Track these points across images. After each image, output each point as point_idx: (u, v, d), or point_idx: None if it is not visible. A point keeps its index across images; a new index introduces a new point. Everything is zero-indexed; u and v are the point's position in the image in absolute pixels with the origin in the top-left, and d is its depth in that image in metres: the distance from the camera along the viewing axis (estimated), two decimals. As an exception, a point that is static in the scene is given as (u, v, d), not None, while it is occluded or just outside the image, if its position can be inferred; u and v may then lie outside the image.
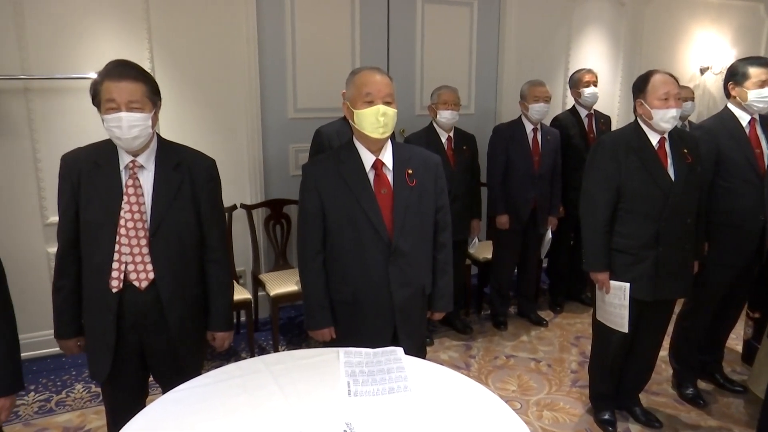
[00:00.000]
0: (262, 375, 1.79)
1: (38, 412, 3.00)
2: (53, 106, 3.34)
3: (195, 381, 1.79)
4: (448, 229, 2.29)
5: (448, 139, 3.68)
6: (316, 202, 2.11)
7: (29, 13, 3.20)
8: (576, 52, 4.97)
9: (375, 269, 2.09)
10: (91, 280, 1.96)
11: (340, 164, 2.11)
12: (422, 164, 2.18)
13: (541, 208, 3.83)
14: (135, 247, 1.92)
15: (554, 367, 3.49)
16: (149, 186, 1.95)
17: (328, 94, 3.95)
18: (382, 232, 2.07)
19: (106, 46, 3.37)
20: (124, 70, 1.87)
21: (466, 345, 3.77)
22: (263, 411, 1.61)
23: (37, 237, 3.42)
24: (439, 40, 4.42)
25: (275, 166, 4.01)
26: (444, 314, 2.38)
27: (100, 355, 1.98)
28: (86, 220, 1.93)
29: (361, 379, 1.75)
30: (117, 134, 1.87)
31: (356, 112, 2.05)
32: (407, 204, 2.11)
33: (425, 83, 4.38)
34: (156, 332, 2.00)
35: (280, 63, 3.90)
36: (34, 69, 3.25)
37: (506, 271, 3.99)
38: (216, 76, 3.69)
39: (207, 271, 2.12)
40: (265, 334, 3.87)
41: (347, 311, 2.17)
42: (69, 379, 3.33)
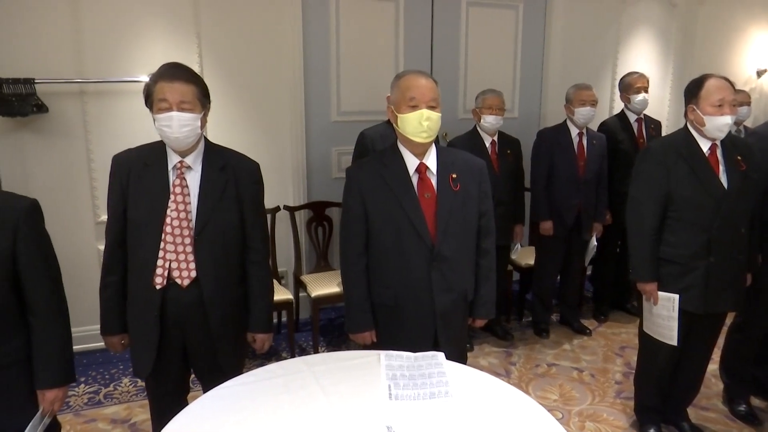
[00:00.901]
0: (305, 375, 1.81)
1: (88, 404, 3.11)
2: (106, 108, 3.46)
3: (238, 379, 1.82)
4: (491, 234, 2.26)
5: (492, 143, 3.65)
6: (359, 205, 2.12)
7: (86, 20, 3.33)
8: (624, 54, 4.86)
9: (417, 274, 2.09)
10: (136, 277, 2.02)
11: (383, 168, 2.11)
12: (466, 169, 2.17)
13: (586, 214, 3.75)
14: (179, 246, 1.96)
15: (598, 377, 3.41)
16: (195, 186, 2.00)
17: (371, 98, 3.96)
18: (424, 236, 2.06)
19: (157, 50, 3.47)
20: (177, 72, 1.93)
21: (506, 352, 3.73)
22: (305, 411, 1.62)
23: (89, 234, 3.55)
24: (483, 43, 4.39)
25: (318, 168, 4.05)
26: (485, 321, 2.36)
27: (144, 352, 2.04)
28: (133, 218, 1.99)
29: (402, 383, 1.75)
30: (167, 133, 1.92)
31: (400, 116, 2.05)
32: (451, 209, 2.10)
33: (468, 87, 4.36)
34: (197, 330, 2.04)
35: (324, 66, 3.94)
36: (89, 73, 3.38)
37: (549, 278, 3.92)
38: (262, 79, 3.76)
39: (248, 273, 2.15)
40: (306, 335, 3.90)
41: (388, 315, 2.17)
42: (116, 372, 3.43)
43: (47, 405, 1.77)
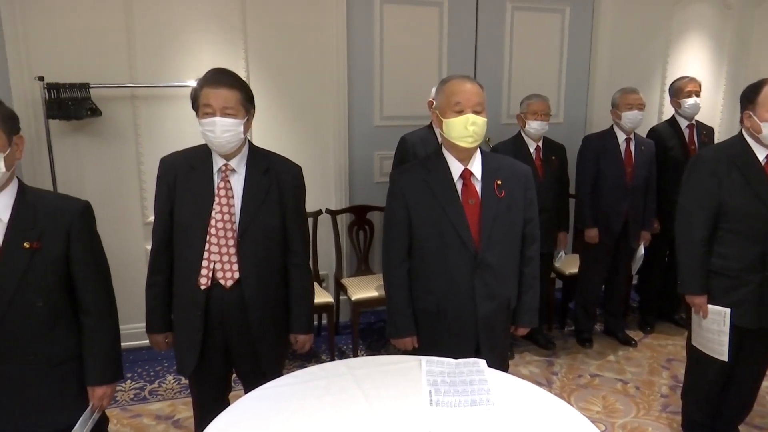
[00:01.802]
0: (346, 378, 1.82)
1: (134, 399, 3.19)
2: (156, 112, 3.56)
3: (280, 380, 1.84)
4: (536, 242, 2.23)
5: (537, 149, 3.60)
6: (402, 210, 2.12)
7: (138, 28, 3.44)
8: (675, 58, 4.72)
9: (460, 280, 2.08)
10: (181, 277, 2.06)
11: (428, 173, 2.11)
12: (512, 175, 2.14)
13: (633, 222, 3.65)
14: (223, 247, 2.00)
15: (643, 389, 3.31)
16: (239, 189, 2.03)
17: (414, 102, 3.96)
18: (468, 242, 2.05)
19: (205, 55, 3.55)
20: (222, 78, 1.97)
21: (548, 361, 3.66)
22: (346, 414, 1.63)
23: (137, 235, 3.65)
24: (528, 48, 4.34)
25: (360, 172, 4.07)
26: (528, 330, 2.32)
27: (187, 350, 2.08)
28: (179, 220, 2.04)
29: (443, 389, 1.74)
30: (210, 138, 1.96)
31: (445, 121, 2.05)
32: (495, 215, 2.08)
33: (513, 91, 4.31)
34: (239, 330, 2.07)
35: (367, 71, 3.96)
36: (140, 78, 3.49)
37: (593, 287, 3.84)
38: (306, 84, 3.80)
39: (290, 275, 2.17)
40: (345, 338, 3.92)
41: (430, 321, 2.16)
42: (161, 370, 3.52)
43: (97, 401, 1.83)
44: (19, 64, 3.26)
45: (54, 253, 1.70)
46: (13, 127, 1.67)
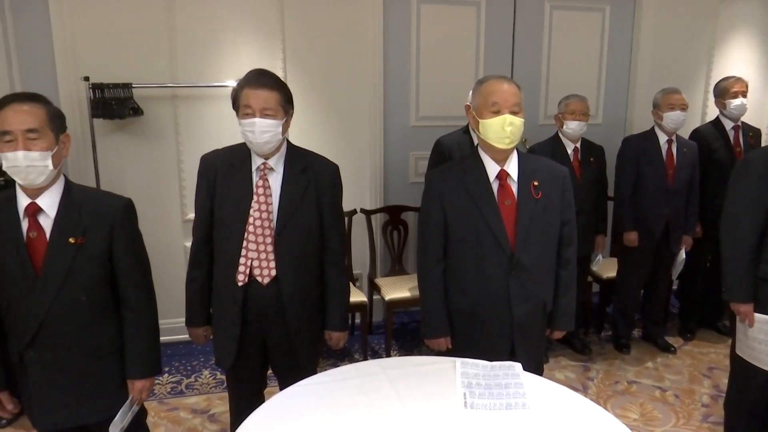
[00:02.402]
0: (379, 378, 1.82)
1: (171, 393, 3.26)
2: (196, 111, 3.63)
3: (315, 378, 1.85)
4: (573, 244, 2.20)
5: (575, 150, 3.54)
6: (438, 211, 2.11)
7: (179, 29, 3.51)
8: (720, 58, 4.58)
9: (495, 282, 2.06)
10: (220, 273, 2.10)
11: (464, 174, 2.09)
12: (549, 176, 2.11)
13: (674, 226, 3.56)
14: (261, 245, 2.03)
15: (682, 398, 3.22)
16: (277, 188, 2.06)
17: (450, 103, 3.94)
18: (504, 244, 2.03)
19: (244, 56, 3.60)
20: (262, 79, 1.99)
21: (584, 366, 3.59)
22: (380, 413, 1.63)
23: (176, 231, 3.73)
24: (567, 47, 4.27)
25: (395, 172, 4.07)
26: (564, 333, 2.29)
27: (226, 345, 2.11)
28: (219, 216, 2.07)
29: (477, 391, 1.72)
30: (250, 138, 1.99)
31: (482, 121, 2.03)
32: (532, 217, 2.05)
33: (550, 92, 4.25)
34: (276, 327, 2.10)
35: (403, 71, 3.96)
36: (181, 78, 3.56)
37: (632, 292, 3.75)
38: (342, 84, 3.82)
39: (326, 273, 2.19)
40: (378, 338, 3.93)
41: (465, 322, 2.14)
42: (198, 364, 3.58)
43: (136, 394, 1.87)
44: (66, 65, 3.37)
45: (97, 249, 1.74)
46: (60, 126, 1.72)
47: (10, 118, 1.62)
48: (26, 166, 1.62)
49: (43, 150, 1.64)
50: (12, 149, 1.62)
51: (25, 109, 1.64)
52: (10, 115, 1.62)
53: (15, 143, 1.62)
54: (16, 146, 1.61)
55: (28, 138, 1.63)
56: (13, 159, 1.62)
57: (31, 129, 1.63)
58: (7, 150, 1.62)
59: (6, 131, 1.62)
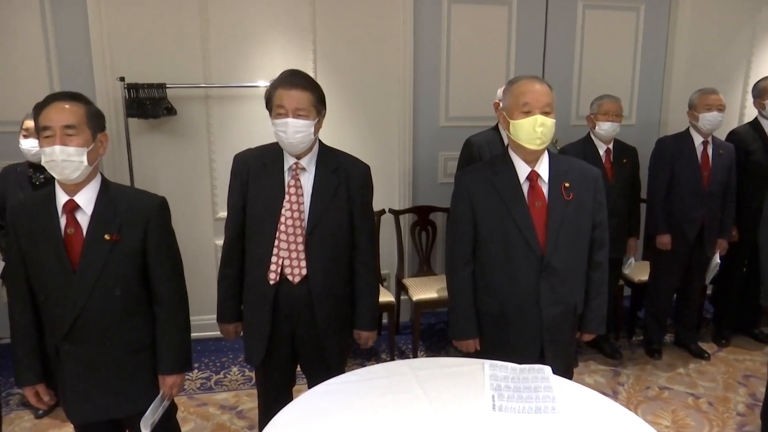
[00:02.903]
0: (408, 378, 1.82)
1: (200, 388, 3.31)
2: (228, 111, 3.68)
3: (343, 377, 1.86)
4: (605, 247, 2.17)
5: (607, 151, 3.48)
6: (467, 211, 2.10)
7: (213, 30, 3.56)
8: (760, 57, 4.46)
9: (525, 284, 2.04)
10: (252, 271, 2.13)
11: (494, 175, 2.08)
12: (580, 177, 2.09)
13: (709, 229, 3.47)
14: (292, 244, 2.05)
15: (717, 406, 3.15)
16: (309, 187, 2.07)
17: (479, 103, 3.92)
18: (534, 246, 2.01)
19: (275, 56, 3.64)
20: (295, 80, 2.01)
21: (614, 371, 3.54)
22: (408, 414, 1.62)
23: (207, 230, 3.79)
24: (600, 47, 4.21)
25: (424, 173, 4.06)
26: (594, 336, 2.25)
27: (256, 342, 2.14)
28: (251, 215, 2.10)
29: (506, 394, 1.71)
30: (282, 138, 2.01)
31: (513, 122, 2.01)
32: (562, 218, 2.03)
33: (582, 92, 4.20)
34: (305, 325, 2.12)
35: (433, 71, 3.95)
36: (213, 78, 3.61)
37: (665, 296, 3.67)
38: (372, 84, 3.83)
39: (355, 272, 2.20)
40: (405, 338, 3.93)
41: (493, 324, 2.13)
42: (227, 361, 3.63)
43: (167, 389, 1.91)
44: (103, 66, 3.45)
45: (132, 245, 1.78)
46: (98, 125, 1.77)
47: (51, 115, 1.68)
48: (62, 161, 1.67)
49: (79, 146, 1.69)
50: (50, 144, 1.67)
51: (65, 107, 1.70)
52: (51, 112, 1.69)
53: (53, 138, 1.67)
54: (54, 141, 1.67)
55: (65, 134, 1.68)
56: (51, 153, 1.67)
57: (68, 125, 1.68)
58: (46, 145, 1.68)
59: (47, 126, 1.68)
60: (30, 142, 2.84)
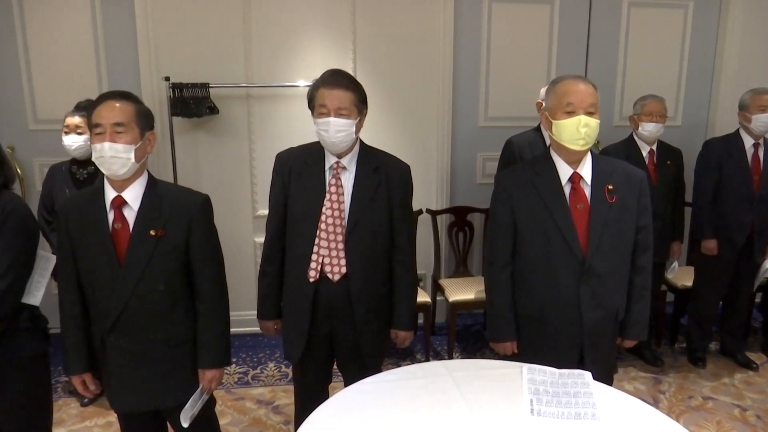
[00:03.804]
0: (444, 379, 1.81)
1: (237, 383, 3.37)
2: (268, 110, 3.73)
3: (380, 376, 1.86)
4: (648, 251, 2.12)
5: (650, 152, 3.40)
6: (507, 213, 2.07)
7: (255, 30, 3.62)
8: (815, 56, 4.28)
9: (565, 288, 2.01)
10: (292, 268, 2.15)
11: (535, 176, 2.05)
12: (625, 180, 2.04)
13: (759, 235, 3.35)
14: (332, 242, 2.06)
15: (765, 419, 3.03)
16: (349, 186, 2.09)
17: (520, 103, 3.88)
18: (575, 249, 1.98)
19: (315, 57, 3.67)
20: (337, 79, 2.03)
21: (655, 378, 3.45)
22: (445, 416, 1.62)
23: (247, 227, 3.85)
24: (645, 46, 4.11)
25: (462, 173, 4.04)
26: (635, 343, 2.20)
27: (295, 339, 2.16)
28: (292, 213, 2.12)
29: (545, 399, 1.68)
30: (324, 137, 2.02)
31: (555, 122, 1.98)
32: (605, 221, 1.99)
33: (626, 92, 4.11)
34: (344, 323, 2.13)
35: (473, 71, 3.92)
36: (255, 78, 3.67)
37: (710, 303, 3.56)
38: (411, 84, 3.83)
39: (394, 271, 2.20)
40: (441, 339, 3.91)
41: (532, 327, 2.10)
42: (264, 357, 3.68)
43: (206, 383, 1.94)
44: (149, 66, 3.55)
45: (176, 241, 1.82)
46: (146, 124, 1.82)
47: (103, 113, 1.74)
48: (110, 157, 1.72)
49: (127, 143, 1.74)
50: (100, 141, 1.73)
51: (116, 105, 1.75)
52: (103, 110, 1.75)
53: (103, 135, 1.73)
54: (104, 138, 1.73)
55: (115, 131, 1.73)
56: (100, 149, 1.73)
57: (118, 123, 1.73)
58: (96, 141, 1.74)
59: (98, 124, 1.74)
60: (71, 137, 2.93)
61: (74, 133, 2.93)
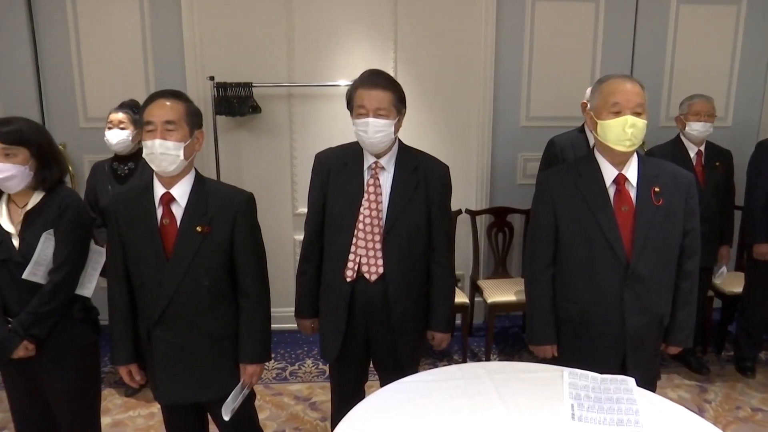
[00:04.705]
0: (483, 381, 1.79)
1: (275, 378, 3.41)
2: (309, 110, 3.77)
3: (418, 376, 1.86)
4: (695, 255, 2.06)
5: (698, 153, 3.30)
6: (549, 214, 2.04)
7: (297, 31, 3.67)
8: None
9: (608, 291, 1.97)
10: (329, 268, 2.16)
11: (578, 177, 2.02)
12: (672, 182, 1.99)
13: (815, 241, 3.22)
14: (369, 242, 2.06)
15: (818, 431, 2.92)
16: (388, 186, 2.09)
17: (562, 103, 3.81)
18: (619, 252, 1.94)
19: (356, 56, 3.69)
20: (376, 80, 2.03)
21: (700, 387, 3.34)
22: (483, 418, 1.60)
23: (286, 225, 3.90)
24: (694, 44, 3.98)
25: (502, 173, 4.00)
26: (680, 350, 2.15)
27: (331, 338, 2.17)
28: (330, 213, 2.14)
29: (586, 404, 1.65)
30: (363, 137, 2.03)
31: (600, 122, 1.94)
32: (651, 224, 1.94)
33: (673, 91, 3.99)
34: (381, 323, 2.13)
35: (515, 70, 3.88)
36: (296, 77, 3.71)
37: (761, 310, 3.43)
38: (452, 83, 3.81)
39: (432, 273, 2.19)
40: (478, 340, 3.88)
41: (573, 331, 2.07)
42: (301, 353, 3.72)
43: (247, 378, 1.97)
44: (194, 66, 3.63)
45: (221, 238, 1.86)
46: (195, 122, 1.86)
47: (154, 111, 1.79)
48: (160, 153, 1.77)
49: (177, 141, 1.79)
50: (151, 138, 1.78)
51: (167, 103, 1.81)
52: (154, 108, 1.80)
53: (155, 133, 1.78)
54: (155, 135, 1.77)
55: (165, 129, 1.78)
56: (151, 146, 1.77)
57: (169, 121, 1.78)
58: (147, 138, 1.79)
59: (149, 121, 1.79)
60: (114, 132, 3.02)
61: (117, 128, 3.02)
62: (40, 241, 1.94)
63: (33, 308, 1.94)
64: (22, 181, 1.93)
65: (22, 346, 1.94)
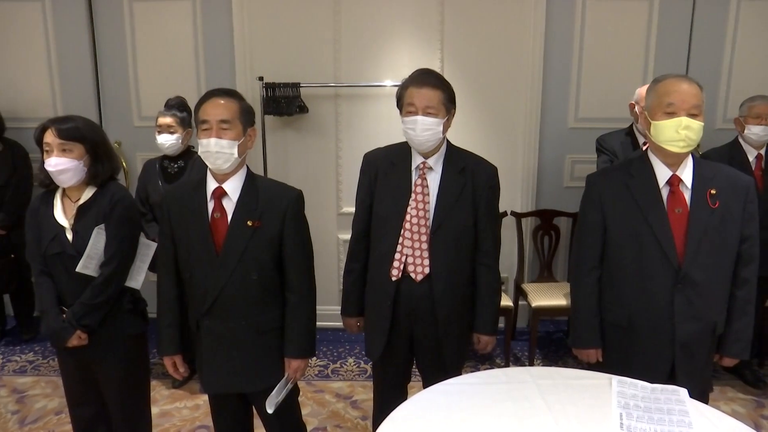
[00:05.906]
0: (528, 386, 1.77)
1: (318, 375, 3.44)
2: (355, 110, 3.79)
3: (462, 378, 1.85)
4: (753, 263, 1.97)
5: (758, 157, 3.17)
6: (598, 215, 2.00)
7: (344, 31, 3.70)
8: None
9: (658, 296, 1.91)
10: (375, 267, 2.17)
11: (630, 178, 1.96)
12: (729, 185, 1.92)
13: None
14: (416, 242, 2.06)
15: None
16: (435, 187, 2.08)
17: (613, 104, 3.71)
18: (671, 255, 1.87)
19: (403, 57, 3.70)
20: (426, 78, 2.03)
21: (756, 401, 3.20)
22: (529, 424, 1.58)
23: (331, 224, 3.93)
24: (755, 42, 3.81)
25: (549, 175, 3.93)
26: (735, 361, 2.06)
27: (376, 336, 2.18)
28: (378, 212, 2.15)
29: (635, 414, 1.61)
30: (411, 136, 2.03)
31: (654, 123, 1.89)
32: (705, 228, 1.87)
33: (732, 92, 3.83)
34: (425, 324, 2.12)
35: (564, 70, 3.80)
36: (343, 78, 3.74)
37: (822, 322, 3.28)
38: (499, 83, 3.77)
39: (478, 274, 2.17)
40: (521, 344, 3.83)
41: (619, 335, 2.01)
42: (343, 351, 3.75)
43: (292, 372, 2.00)
44: (244, 66, 3.71)
45: (270, 233, 1.89)
46: (248, 121, 1.91)
47: (209, 110, 1.84)
48: (216, 152, 1.82)
49: (232, 139, 1.83)
50: (207, 136, 1.83)
51: (221, 102, 1.85)
52: (209, 107, 1.85)
53: (210, 131, 1.83)
54: (210, 134, 1.82)
55: (220, 127, 1.82)
56: (206, 145, 1.82)
57: (223, 120, 1.83)
58: (203, 137, 1.84)
59: (204, 120, 1.84)
60: (164, 137, 3.12)
61: (166, 132, 3.12)
62: (91, 235, 2.03)
63: (85, 299, 2.04)
64: (75, 176, 2.01)
65: (76, 336, 2.03)
